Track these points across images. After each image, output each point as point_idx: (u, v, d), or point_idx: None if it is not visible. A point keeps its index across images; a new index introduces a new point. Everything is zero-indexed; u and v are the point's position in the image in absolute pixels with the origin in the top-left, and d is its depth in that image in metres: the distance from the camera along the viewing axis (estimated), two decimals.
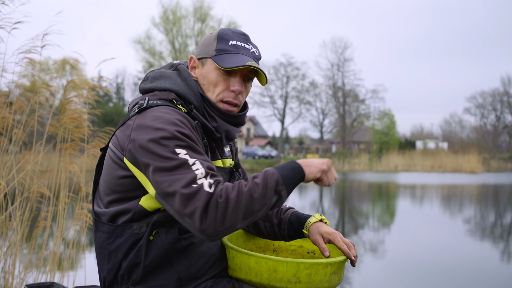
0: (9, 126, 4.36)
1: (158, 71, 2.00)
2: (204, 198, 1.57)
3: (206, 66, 1.94)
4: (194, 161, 1.65)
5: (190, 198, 1.58)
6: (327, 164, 1.81)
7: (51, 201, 4.61)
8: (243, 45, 1.94)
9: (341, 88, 61.77)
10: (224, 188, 1.62)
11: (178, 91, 1.90)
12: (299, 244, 2.22)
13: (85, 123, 4.66)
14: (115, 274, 1.87)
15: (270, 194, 1.65)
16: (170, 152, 1.66)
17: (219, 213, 1.57)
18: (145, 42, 49.82)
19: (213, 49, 1.91)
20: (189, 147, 1.69)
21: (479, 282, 7.37)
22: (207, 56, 1.93)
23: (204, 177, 1.62)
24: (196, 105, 1.91)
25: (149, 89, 1.95)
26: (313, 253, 2.18)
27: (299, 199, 20.34)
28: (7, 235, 4.33)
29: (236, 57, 1.89)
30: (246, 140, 75.93)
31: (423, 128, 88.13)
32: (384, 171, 46.13)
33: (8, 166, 4.35)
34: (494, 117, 76.20)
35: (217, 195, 1.59)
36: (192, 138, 1.74)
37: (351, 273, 7.62)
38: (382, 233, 12.02)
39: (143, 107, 1.83)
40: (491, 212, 16.55)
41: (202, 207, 1.57)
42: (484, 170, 45.89)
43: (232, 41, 1.93)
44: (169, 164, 1.65)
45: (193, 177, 1.61)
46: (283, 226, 2.15)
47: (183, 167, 1.64)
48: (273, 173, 1.68)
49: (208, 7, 49.58)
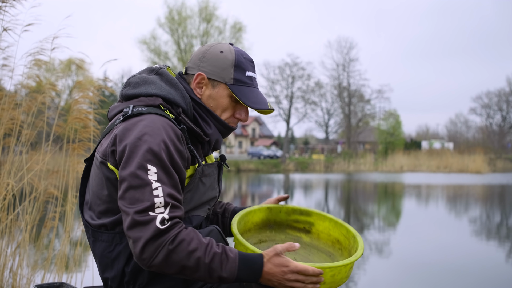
0: (17, 127, 4.39)
1: (140, 77, 1.96)
2: (151, 232, 1.61)
3: (218, 90, 1.95)
4: (158, 186, 1.67)
5: (139, 225, 1.63)
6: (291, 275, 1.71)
7: (59, 201, 4.63)
8: (254, 76, 2.00)
9: (346, 88, 61.65)
10: (179, 237, 1.65)
11: (165, 96, 1.88)
12: (294, 219, 2.25)
13: (91, 123, 4.69)
14: (120, 280, 1.88)
15: (214, 277, 1.67)
16: (141, 168, 1.68)
17: (160, 255, 1.62)
18: (151, 42, 49.86)
19: (231, 77, 1.94)
20: (162, 166, 1.70)
21: (485, 282, 7.35)
22: (222, 81, 1.94)
23: (162, 207, 1.65)
24: (185, 108, 1.90)
25: (133, 95, 1.92)
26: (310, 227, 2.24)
27: (304, 199, 20.33)
28: (14, 235, 4.36)
29: (254, 93, 1.96)
30: (251, 140, 75.92)
31: (429, 128, 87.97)
32: (390, 171, 46.02)
33: (17, 166, 4.38)
34: (500, 117, 75.93)
35: (168, 238, 1.63)
36: (170, 154, 1.73)
37: (357, 273, 7.62)
38: (387, 233, 12.00)
39: (127, 115, 1.82)
40: (497, 212, 16.49)
41: (147, 239, 1.61)
42: (490, 171, 45.71)
43: (248, 72, 1.97)
44: (135, 181, 1.67)
45: (150, 205, 1.64)
46: (226, 214, 2.25)
47: (146, 189, 1.66)
48: (231, 266, 1.68)
49: (213, 7, 49.58)
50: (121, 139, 1.76)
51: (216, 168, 2.08)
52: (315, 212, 2.23)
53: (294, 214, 2.25)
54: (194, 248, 1.64)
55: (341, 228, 2.13)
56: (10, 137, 4.41)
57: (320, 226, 2.21)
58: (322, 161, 50.92)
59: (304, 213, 2.24)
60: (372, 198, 21.78)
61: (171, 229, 1.64)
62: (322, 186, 28.13)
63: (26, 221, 4.33)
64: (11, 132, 4.40)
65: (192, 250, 1.64)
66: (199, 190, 1.95)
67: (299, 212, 2.25)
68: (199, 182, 1.95)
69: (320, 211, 2.23)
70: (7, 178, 4.17)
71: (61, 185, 4.72)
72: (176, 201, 1.70)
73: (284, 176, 37.80)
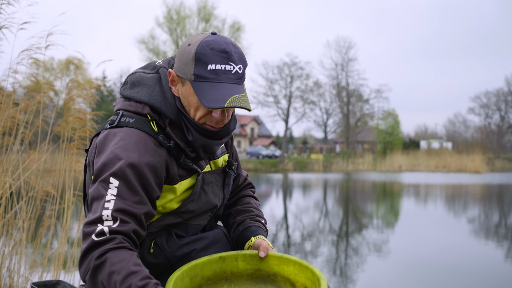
0: (16, 126, 4.38)
1: (138, 76, 1.89)
2: (87, 244, 1.56)
3: (186, 88, 1.77)
4: (112, 199, 1.61)
5: (84, 237, 1.59)
6: None
7: (56, 199, 4.63)
8: (223, 68, 1.71)
9: (345, 88, 61.72)
10: (108, 254, 1.54)
11: (153, 104, 1.80)
12: (256, 267, 1.93)
13: (88, 122, 4.68)
14: None
15: None
16: (104, 181, 1.64)
17: (90, 271, 1.54)
18: (149, 42, 49.91)
19: (191, 73, 1.71)
20: (125, 182, 1.64)
21: (483, 282, 7.36)
22: (186, 78, 1.74)
23: (111, 221, 1.58)
24: (173, 119, 1.80)
25: (127, 96, 1.87)
26: (274, 275, 1.92)
27: (303, 199, 20.33)
28: (12, 234, 4.35)
29: (216, 89, 1.69)
30: (250, 140, 75.95)
31: (427, 128, 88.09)
32: (388, 171, 46.06)
33: (14, 165, 4.37)
34: (499, 117, 76.01)
35: (98, 252, 1.54)
36: (139, 171, 1.67)
37: (355, 274, 7.62)
38: (386, 233, 12.00)
39: (113, 125, 1.79)
40: (496, 212, 16.51)
41: (83, 250, 1.57)
42: (489, 170, 45.78)
43: (211, 65, 1.70)
44: (94, 193, 1.64)
45: (98, 217, 1.59)
46: (240, 228, 2.06)
47: (100, 202, 1.61)
48: None
49: (212, 7, 49.61)
50: (99, 152, 1.74)
51: (221, 175, 2.01)
52: (277, 255, 1.92)
53: (254, 261, 1.92)
54: (115, 270, 1.51)
55: (306, 271, 1.84)
56: (8, 136, 4.40)
57: (286, 272, 1.90)
58: (320, 160, 50.95)
59: (264, 259, 1.91)
60: (370, 198, 21.79)
61: (104, 244, 1.55)
62: (321, 186, 28.14)
63: (23, 219, 4.32)
64: (9, 131, 4.40)
65: (112, 271, 1.51)
66: (201, 199, 1.91)
67: (258, 259, 1.91)
68: (201, 191, 1.90)
69: (282, 254, 1.91)
70: (4, 176, 4.17)
71: (58, 183, 4.71)
72: (128, 215, 1.61)
73: (282, 175, 37.81)
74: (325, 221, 14.05)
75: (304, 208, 16.93)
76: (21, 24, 4.20)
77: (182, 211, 1.87)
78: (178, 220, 1.88)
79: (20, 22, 4.20)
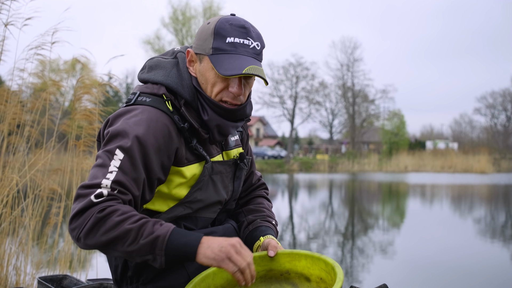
0: (21, 124, 4.39)
1: (156, 60, 1.92)
2: (84, 203, 1.56)
3: (204, 64, 1.80)
4: (114, 171, 1.62)
5: (78, 197, 1.59)
6: (232, 247, 1.58)
7: (62, 197, 4.63)
8: (241, 42, 1.76)
9: (350, 88, 61.58)
10: (110, 207, 1.56)
11: (169, 85, 1.82)
12: (267, 268, 1.90)
13: (96, 119, 4.69)
14: (122, 271, 1.87)
15: (144, 249, 1.55)
16: (110, 151, 1.65)
17: (88, 225, 1.54)
18: (155, 42, 49.95)
19: (210, 47, 1.76)
20: (129, 154, 1.65)
21: (489, 282, 7.33)
22: (204, 53, 1.78)
23: (105, 188, 1.59)
24: (188, 99, 1.82)
25: (144, 79, 1.90)
26: (287, 273, 1.89)
27: (308, 200, 20.32)
28: (18, 232, 4.36)
29: (234, 59, 1.73)
30: (255, 141, 75.94)
31: (433, 129, 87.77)
32: (394, 171, 45.96)
33: (21, 162, 4.38)
34: (505, 117, 75.63)
35: (98, 208, 1.55)
36: (145, 149, 1.68)
37: (361, 274, 7.60)
38: (392, 233, 11.97)
39: (130, 103, 1.82)
40: (502, 212, 16.44)
41: (78, 209, 1.56)
42: (495, 171, 45.59)
43: (229, 38, 1.75)
44: (98, 161, 1.66)
45: (97, 183, 1.59)
46: (250, 227, 2.04)
47: (102, 170, 1.62)
48: (164, 232, 1.56)
49: (217, 7, 49.61)
50: (111, 124, 1.77)
51: (232, 166, 2.00)
52: (287, 252, 1.89)
53: (264, 261, 1.89)
54: (124, 218, 1.54)
55: (319, 262, 1.82)
56: (15, 135, 4.41)
57: (298, 267, 1.87)
58: (326, 161, 50.88)
59: (275, 258, 1.88)
60: (376, 198, 21.75)
61: (104, 202, 1.57)
62: (327, 186, 28.10)
63: (29, 216, 4.33)
64: (16, 130, 4.41)
65: (121, 219, 1.54)
66: (209, 189, 1.90)
67: (268, 259, 1.88)
68: (209, 180, 1.89)
69: (291, 250, 1.90)
70: (11, 173, 4.18)
71: (64, 182, 4.72)
72: (126, 189, 1.63)
73: (288, 176, 37.78)
74: (331, 222, 14.03)
75: (309, 208, 16.91)
76: (25, 20, 4.20)
77: (190, 200, 1.86)
78: (187, 212, 1.87)
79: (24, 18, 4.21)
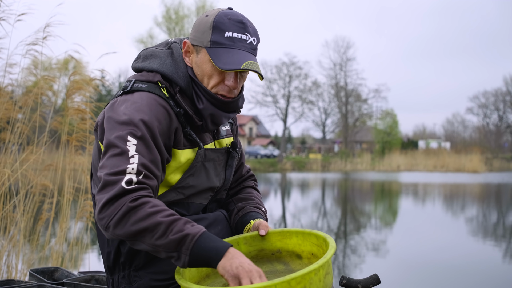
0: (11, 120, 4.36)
1: (150, 50, 1.96)
2: (116, 191, 1.57)
3: (201, 56, 1.84)
4: (135, 155, 1.64)
5: (106, 185, 1.60)
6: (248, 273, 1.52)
7: (54, 193, 4.61)
8: (239, 37, 1.81)
9: (343, 87, 61.71)
10: (143, 198, 1.58)
11: (164, 72, 1.86)
12: (259, 248, 1.92)
13: (89, 115, 4.67)
14: (115, 258, 1.88)
15: (171, 245, 1.55)
16: (121, 138, 1.67)
17: (119, 214, 1.55)
18: (148, 41, 49.83)
19: (208, 40, 1.80)
20: (142, 138, 1.68)
21: (482, 282, 7.35)
22: (202, 46, 1.83)
23: (134, 174, 1.61)
24: (183, 87, 1.86)
25: (138, 68, 1.93)
26: (279, 252, 1.91)
27: (301, 199, 20.33)
28: (10, 229, 4.33)
29: (232, 54, 1.78)
30: (248, 140, 75.92)
31: (426, 128, 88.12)
32: (387, 170, 46.09)
33: (13, 158, 4.36)
34: (497, 117, 76.10)
35: (131, 197, 1.57)
36: (152, 131, 1.71)
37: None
38: (384, 233, 12.00)
39: (126, 90, 1.84)
40: (494, 211, 16.51)
41: (110, 197, 1.56)
42: (487, 170, 45.82)
43: (228, 32, 1.79)
44: (113, 151, 1.66)
45: (122, 169, 1.61)
46: (240, 213, 2.07)
47: (122, 156, 1.64)
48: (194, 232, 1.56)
49: (210, 6, 49.51)
50: (111, 113, 1.77)
51: (224, 154, 2.04)
52: (278, 231, 1.91)
53: (256, 241, 1.91)
54: (156, 210, 1.56)
55: (310, 237, 1.83)
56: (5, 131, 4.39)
57: (289, 245, 1.89)
58: (319, 160, 50.97)
59: (266, 238, 1.90)
60: (369, 197, 21.79)
61: (135, 191, 1.59)
62: (319, 185, 28.13)
63: (21, 213, 4.31)
64: (6, 126, 4.38)
65: (153, 212, 1.55)
66: (201, 175, 1.93)
67: (259, 239, 1.91)
68: (202, 167, 1.92)
69: (282, 229, 1.91)
70: (3, 167, 4.15)
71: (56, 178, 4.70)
72: (150, 172, 1.66)
73: (281, 175, 37.81)
74: (323, 221, 14.04)
75: (302, 207, 16.91)
76: (18, 16, 4.18)
77: (183, 185, 1.89)
78: (179, 197, 1.90)
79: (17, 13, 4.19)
